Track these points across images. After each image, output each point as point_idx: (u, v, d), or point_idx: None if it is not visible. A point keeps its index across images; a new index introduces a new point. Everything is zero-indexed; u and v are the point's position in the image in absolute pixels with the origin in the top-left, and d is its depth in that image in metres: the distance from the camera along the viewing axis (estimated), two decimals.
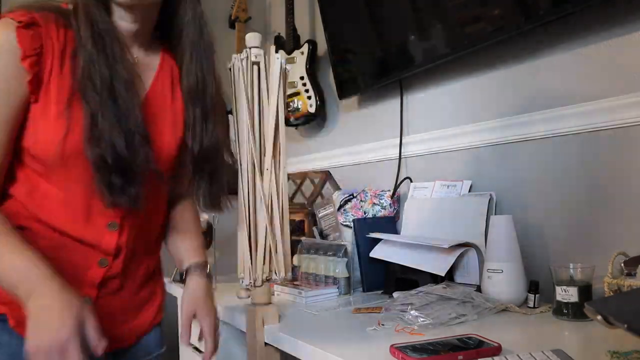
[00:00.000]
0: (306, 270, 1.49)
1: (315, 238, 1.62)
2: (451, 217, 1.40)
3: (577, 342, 0.93)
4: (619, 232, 1.14)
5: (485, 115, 1.46)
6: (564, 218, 1.25)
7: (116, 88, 0.83)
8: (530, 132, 1.32)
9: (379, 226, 1.54)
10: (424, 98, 1.67)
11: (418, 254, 1.33)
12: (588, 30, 1.21)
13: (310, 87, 2.10)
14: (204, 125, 0.95)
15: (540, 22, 1.21)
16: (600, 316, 0.68)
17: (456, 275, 1.27)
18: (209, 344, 1.02)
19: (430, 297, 1.11)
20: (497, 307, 1.11)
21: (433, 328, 1.00)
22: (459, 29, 1.42)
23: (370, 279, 1.46)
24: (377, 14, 1.73)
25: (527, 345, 0.89)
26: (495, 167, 1.42)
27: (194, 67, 0.95)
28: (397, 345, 0.85)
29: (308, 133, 2.28)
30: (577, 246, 1.22)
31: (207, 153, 0.95)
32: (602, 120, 1.17)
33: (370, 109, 1.93)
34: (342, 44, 1.91)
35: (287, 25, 2.19)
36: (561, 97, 1.26)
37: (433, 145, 1.61)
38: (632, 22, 1.13)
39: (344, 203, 1.72)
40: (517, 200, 1.35)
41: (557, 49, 1.28)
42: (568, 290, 1.04)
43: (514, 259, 1.15)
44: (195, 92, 0.95)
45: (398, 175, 1.71)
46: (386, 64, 1.71)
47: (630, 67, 1.14)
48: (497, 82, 1.43)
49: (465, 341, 0.87)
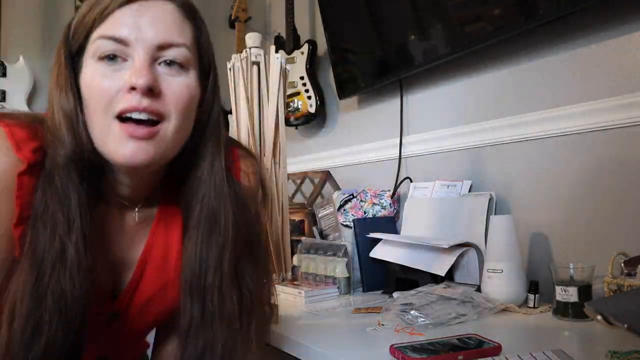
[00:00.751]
0: (306, 270, 1.49)
1: (315, 238, 1.62)
2: (451, 217, 1.40)
3: (577, 342, 0.93)
4: (619, 232, 1.14)
5: (485, 115, 1.46)
6: (564, 218, 1.25)
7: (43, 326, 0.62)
8: (530, 132, 1.32)
9: (379, 226, 1.54)
10: (424, 98, 1.67)
11: (418, 254, 1.33)
12: (588, 30, 1.21)
13: (310, 87, 2.10)
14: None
15: (540, 22, 1.21)
16: (600, 316, 0.69)
17: (456, 275, 1.27)
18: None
19: (430, 297, 1.11)
20: (497, 307, 1.11)
21: (433, 328, 1.00)
22: (459, 28, 1.42)
23: (370, 279, 1.45)
24: (377, 14, 1.73)
25: (527, 345, 0.89)
26: (495, 167, 1.42)
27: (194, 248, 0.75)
28: (397, 345, 0.85)
29: (308, 133, 2.28)
30: (577, 246, 1.22)
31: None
32: (602, 120, 1.17)
33: (370, 109, 1.93)
34: (342, 44, 1.91)
35: (287, 25, 2.19)
36: (561, 97, 1.26)
37: (433, 145, 1.61)
38: (632, 22, 1.13)
39: (344, 203, 1.72)
40: (517, 200, 1.35)
41: (557, 49, 1.28)
42: (568, 290, 1.04)
43: (514, 259, 1.15)
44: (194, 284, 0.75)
45: (398, 175, 1.71)
46: (386, 63, 1.71)
47: (630, 67, 1.14)
48: (497, 82, 1.43)
49: (465, 341, 0.87)
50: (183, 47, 0.69)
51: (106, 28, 0.67)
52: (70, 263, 0.64)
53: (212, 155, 0.75)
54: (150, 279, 0.81)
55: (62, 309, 0.63)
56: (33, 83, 2.28)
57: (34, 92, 2.30)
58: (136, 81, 0.64)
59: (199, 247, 0.74)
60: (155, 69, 0.67)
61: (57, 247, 0.64)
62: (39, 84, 2.34)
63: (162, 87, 0.67)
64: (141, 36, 0.66)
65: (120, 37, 0.66)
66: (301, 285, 1.42)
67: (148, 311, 0.83)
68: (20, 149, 0.65)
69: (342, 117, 2.08)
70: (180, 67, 0.69)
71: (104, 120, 0.66)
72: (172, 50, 0.68)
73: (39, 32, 2.38)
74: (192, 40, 0.72)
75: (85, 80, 0.68)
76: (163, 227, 0.81)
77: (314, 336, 1.00)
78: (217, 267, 0.74)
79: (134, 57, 0.66)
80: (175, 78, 0.68)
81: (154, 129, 0.66)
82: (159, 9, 0.68)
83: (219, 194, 0.75)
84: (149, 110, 0.65)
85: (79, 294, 0.64)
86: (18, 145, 0.65)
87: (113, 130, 0.66)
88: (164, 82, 0.68)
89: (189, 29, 0.72)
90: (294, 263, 1.54)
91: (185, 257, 0.75)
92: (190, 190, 0.76)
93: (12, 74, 2.22)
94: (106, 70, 0.66)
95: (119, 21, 0.66)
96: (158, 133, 0.67)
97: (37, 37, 2.37)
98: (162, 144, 0.68)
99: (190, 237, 0.75)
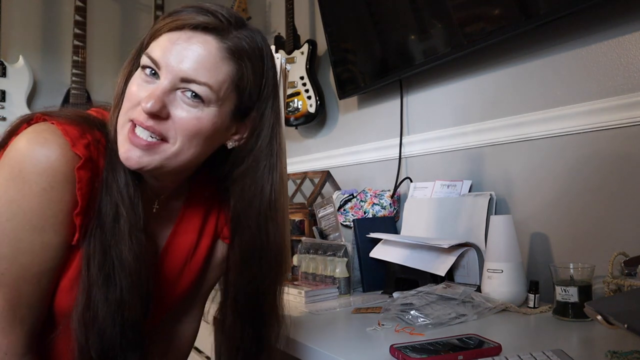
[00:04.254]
0: (306, 270, 1.49)
1: (315, 238, 1.62)
2: (451, 217, 1.40)
3: (577, 342, 0.93)
4: (619, 232, 1.14)
5: (485, 115, 1.46)
6: (564, 218, 1.25)
7: (116, 275, 0.74)
8: (530, 132, 1.32)
9: (379, 226, 1.54)
10: (424, 98, 1.67)
11: (418, 254, 1.33)
12: (588, 30, 1.21)
13: (310, 87, 2.10)
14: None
15: (540, 22, 1.21)
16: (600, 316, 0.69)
17: (456, 275, 1.27)
18: None
19: (430, 297, 1.11)
20: (497, 307, 1.11)
21: (433, 328, 1.00)
22: (459, 28, 1.42)
23: (370, 279, 1.45)
24: (377, 14, 1.73)
25: (527, 345, 0.89)
26: (495, 167, 1.42)
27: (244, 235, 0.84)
28: (397, 345, 0.85)
29: (308, 133, 2.28)
30: (577, 246, 1.22)
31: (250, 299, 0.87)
32: (602, 120, 1.17)
33: (370, 109, 1.93)
34: (342, 44, 1.91)
35: (287, 25, 2.19)
36: (561, 97, 1.26)
37: (433, 145, 1.61)
38: (632, 22, 1.13)
39: (344, 203, 1.72)
40: (517, 200, 1.35)
41: (557, 49, 1.28)
42: (568, 290, 1.04)
43: (514, 259, 1.15)
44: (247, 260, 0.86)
45: (398, 175, 1.71)
46: (386, 63, 1.71)
47: (631, 67, 1.14)
48: (497, 82, 1.43)
49: (465, 341, 0.87)
50: (205, 87, 0.72)
51: (154, 45, 0.73)
52: (128, 229, 0.75)
53: (265, 178, 0.83)
54: (164, 271, 0.87)
55: (122, 265, 0.74)
56: (33, 83, 2.28)
57: (33, 92, 2.30)
58: (145, 105, 0.70)
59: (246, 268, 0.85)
60: (174, 94, 0.72)
61: (120, 225, 0.74)
62: (39, 84, 2.34)
63: (173, 112, 0.72)
64: (171, 65, 0.71)
65: (155, 59, 0.72)
66: (301, 285, 1.42)
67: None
68: (75, 145, 0.70)
69: (342, 117, 2.08)
70: (199, 101, 0.72)
71: (123, 118, 0.74)
72: (193, 85, 0.71)
73: (39, 32, 2.38)
74: (226, 80, 0.74)
75: (131, 79, 0.76)
76: (185, 223, 0.89)
77: (314, 336, 1.00)
78: (263, 292, 0.86)
79: (160, 80, 0.72)
80: (188, 108, 0.72)
81: (153, 142, 0.72)
82: (200, 45, 0.72)
83: (265, 219, 0.84)
84: (151, 129, 0.71)
85: (133, 253, 0.75)
86: (73, 142, 0.70)
87: (124, 129, 0.73)
88: (177, 108, 0.72)
89: (226, 69, 0.74)
90: (294, 263, 1.54)
91: (233, 275, 0.86)
92: (237, 209, 0.84)
93: (12, 74, 2.22)
94: (143, 80, 0.73)
95: (162, 44, 0.72)
96: (157, 148, 0.72)
97: (37, 37, 2.37)
98: (158, 158, 0.73)
99: (236, 253, 0.86)
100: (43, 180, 0.68)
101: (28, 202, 0.68)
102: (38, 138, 0.69)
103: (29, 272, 0.71)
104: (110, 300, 0.73)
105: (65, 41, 2.37)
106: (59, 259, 0.73)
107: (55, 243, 0.71)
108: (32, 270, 0.71)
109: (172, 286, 0.89)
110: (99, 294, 0.73)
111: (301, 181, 1.98)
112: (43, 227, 0.70)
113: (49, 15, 2.40)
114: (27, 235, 0.69)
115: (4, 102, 2.19)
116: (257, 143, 0.82)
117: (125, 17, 2.59)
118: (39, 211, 0.69)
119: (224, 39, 0.73)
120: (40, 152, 0.68)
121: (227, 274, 0.88)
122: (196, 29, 0.72)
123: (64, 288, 0.75)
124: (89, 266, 0.73)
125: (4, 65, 2.20)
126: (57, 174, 0.69)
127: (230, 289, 0.87)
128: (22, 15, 2.33)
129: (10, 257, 0.69)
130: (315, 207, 1.69)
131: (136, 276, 0.75)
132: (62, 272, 0.74)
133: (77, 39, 2.29)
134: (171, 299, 0.90)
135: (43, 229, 0.70)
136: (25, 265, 0.70)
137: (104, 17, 2.51)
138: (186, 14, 0.72)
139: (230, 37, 0.74)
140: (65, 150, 0.69)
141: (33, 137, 0.69)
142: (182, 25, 0.72)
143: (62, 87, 2.35)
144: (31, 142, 0.69)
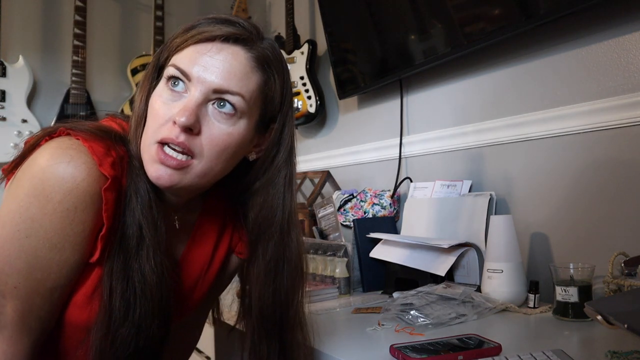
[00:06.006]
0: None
1: (315, 238, 1.62)
2: (451, 217, 1.40)
3: (577, 342, 0.93)
4: (619, 232, 1.14)
5: (485, 115, 1.46)
6: (564, 218, 1.25)
7: (137, 299, 0.72)
8: (530, 132, 1.32)
9: (379, 226, 1.54)
10: (424, 98, 1.67)
11: (418, 254, 1.33)
12: (588, 30, 1.21)
13: (310, 87, 2.10)
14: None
15: (540, 22, 1.21)
16: (600, 316, 0.68)
17: (456, 275, 1.27)
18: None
19: (430, 297, 1.11)
20: (497, 307, 1.11)
21: (433, 328, 1.00)
22: (459, 28, 1.42)
23: (370, 279, 1.45)
24: (377, 14, 1.73)
25: (527, 345, 0.89)
26: (495, 167, 1.42)
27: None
28: (397, 345, 0.85)
29: (308, 133, 2.28)
30: (577, 246, 1.22)
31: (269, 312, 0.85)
32: (602, 120, 1.17)
33: (370, 109, 1.93)
34: (342, 44, 1.91)
35: (287, 25, 2.19)
36: (561, 97, 1.26)
37: (433, 145, 1.61)
38: (632, 22, 1.13)
39: (344, 203, 1.72)
40: (517, 200, 1.35)
41: (557, 49, 1.28)
42: (568, 290, 1.04)
43: (514, 259, 1.15)
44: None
45: (398, 175, 1.71)
46: (386, 63, 1.71)
47: (631, 67, 1.14)
48: (497, 82, 1.43)
49: (465, 341, 0.87)
50: (238, 96, 0.71)
51: (180, 57, 0.72)
52: (152, 252, 0.73)
53: (286, 188, 0.82)
54: (179, 285, 0.85)
55: (144, 288, 0.72)
56: (33, 83, 2.28)
57: (33, 92, 2.30)
58: (179, 119, 0.68)
59: (269, 279, 0.83)
60: (205, 107, 0.71)
61: (143, 247, 0.73)
62: (39, 84, 2.34)
63: (203, 127, 0.71)
64: (203, 76, 0.70)
65: (185, 71, 0.71)
66: None
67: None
68: (102, 164, 0.68)
69: (342, 117, 2.08)
70: (232, 113, 0.72)
71: (150, 139, 0.72)
72: (227, 95, 0.71)
73: (39, 32, 2.38)
74: (256, 89, 0.74)
75: (152, 96, 0.74)
76: (200, 237, 0.88)
77: (314, 336, 1.00)
78: (286, 304, 0.84)
79: (191, 93, 0.71)
80: (219, 124, 0.72)
81: (184, 162, 0.71)
82: (230, 55, 0.72)
83: (287, 231, 0.83)
84: (182, 145, 0.70)
85: (155, 276, 0.73)
86: (100, 161, 0.68)
87: (151, 150, 0.71)
88: (208, 123, 0.71)
89: (255, 79, 0.74)
90: None
91: (256, 289, 0.84)
92: (258, 222, 0.83)
93: (12, 74, 2.22)
94: (168, 97, 0.72)
95: (191, 56, 0.71)
96: (187, 167, 0.71)
97: (37, 37, 2.37)
98: (188, 177, 0.72)
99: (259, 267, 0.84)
100: (67, 200, 0.66)
101: (50, 221, 0.66)
102: (64, 155, 0.66)
103: (43, 286, 0.69)
104: (130, 322, 0.72)
105: (65, 41, 2.37)
106: (74, 275, 0.71)
107: (72, 261, 0.70)
108: (47, 285, 0.69)
109: (185, 299, 0.87)
110: (119, 318, 0.71)
111: (301, 181, 1.98)
112: (63, 246, 0.68)
113: (49, 15, 2.39)
114: (45, 253, 0.67)
115: (3, 102, 2.18)
116: (279, 153, 0.81)
117: (125, 17, 2.59)
118: (60, 231, 0.67)
119: (251, 49, 0.74)
120: (66, 171, 0.66)
121: (250, 289, 0.87)
122: (226, 41, 0.72)
123: (78, 303, 0.73)
124: (110, 289, 0.71)
125: (3, 65, 2.20)
126: (83, 194, 0.67)
127: (255, 303, 0.85)
128: (22, 15, 2.33)
129: (25, 272, 0.68)
130: (315, 207, 1.69)
131: (157, 300, 0.74)
132: (76, 287, 0.73)
133: (77, 39, 2.29)
134: (182, 311, 0.89)
135: (63, 247, 0.68)
136: (40, 280, 0.69)
137: (104, 17, 2.51)
138: (212, 26, 0.72)
139: (256, 47, 0.74)
140: (92, 170, 0.67)
141: (58, 153, 0.66)
142: (212, 37, 0.71)
143: (62, 87, 2.35)
144: (56, 158, 0.66)
